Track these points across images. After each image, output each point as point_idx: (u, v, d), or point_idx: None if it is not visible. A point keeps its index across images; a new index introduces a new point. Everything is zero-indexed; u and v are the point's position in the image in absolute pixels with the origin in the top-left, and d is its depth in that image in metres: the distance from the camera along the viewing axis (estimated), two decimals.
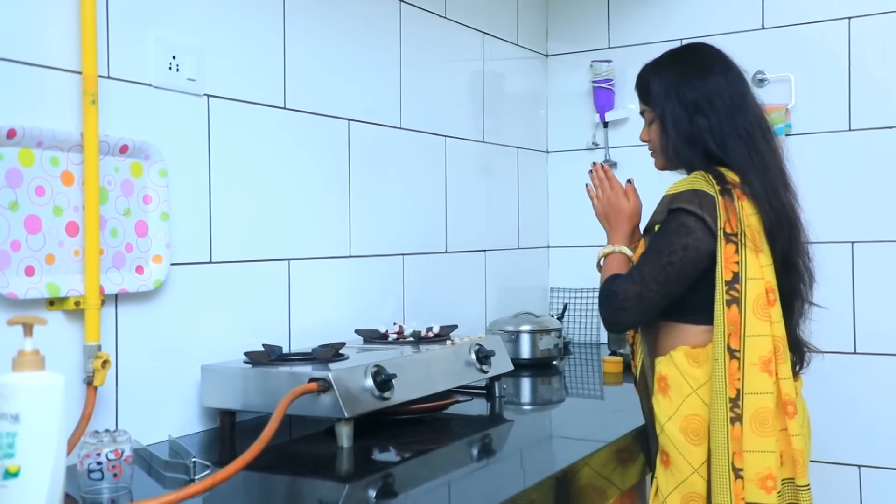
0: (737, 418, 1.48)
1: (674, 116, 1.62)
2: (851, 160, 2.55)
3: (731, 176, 1.58)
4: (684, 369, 1.58)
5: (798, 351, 1.66)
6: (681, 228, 1.54)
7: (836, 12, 2.56)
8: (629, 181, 1.80)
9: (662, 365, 1.61)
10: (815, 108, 2.60)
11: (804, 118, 2.61)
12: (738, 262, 1.52)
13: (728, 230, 1.52)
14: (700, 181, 1.56)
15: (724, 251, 1.52)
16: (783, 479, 1.54)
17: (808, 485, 1.55)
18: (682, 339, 1.60)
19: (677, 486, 1.55)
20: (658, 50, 1.76)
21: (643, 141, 1.74)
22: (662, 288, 1.56)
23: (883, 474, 2.51)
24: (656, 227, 1.61)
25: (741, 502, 1.47)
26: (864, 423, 2.53)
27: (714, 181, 1.55)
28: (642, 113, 1.73)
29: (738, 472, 1.47)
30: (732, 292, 1.51)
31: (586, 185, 1.83)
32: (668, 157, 1.67)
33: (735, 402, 1.49)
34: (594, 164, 1.84)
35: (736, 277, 1.52)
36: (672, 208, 1.56)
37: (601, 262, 1.73)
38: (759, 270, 1.53)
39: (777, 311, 1.55)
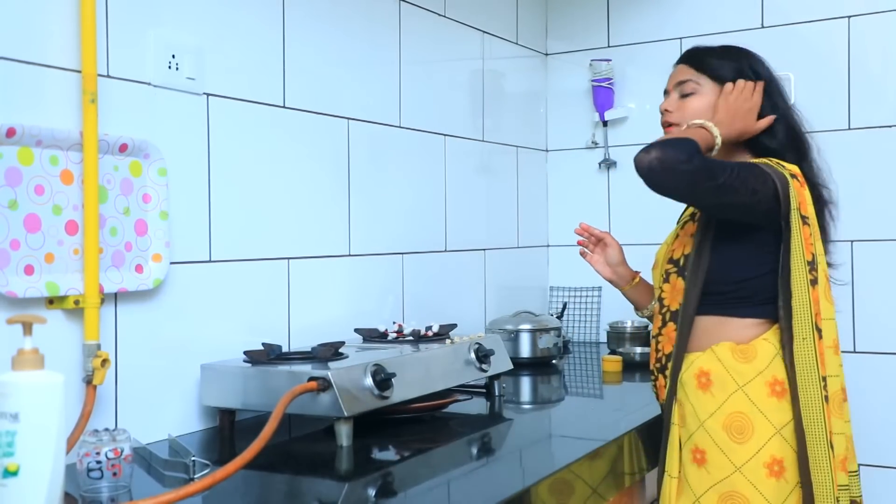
0: (826, 397, 1.48)
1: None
2: (851, 159, 2.55)
3: (790, 165, 1.59)
4: (730, 365, 1.55)
5: None
6: (759, 169, 1.53)
7: (835, 11, 2.56)
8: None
9: (704, 360, 1.58)
10: (815, 106, 2.57)
11: (803, 117, 2.61)
12: (812, 244, 1.53)
13: (804, 213, 1.53)
14: (765, 163, 1.57)
15: (803, 232, 1.52)
16: None
17: (857, 470, 1.57)
18: (726, 333, 1.58)
19: (714, 484, 1.52)
20: (658, 49, 1.77)
21: (665, 111, 1.69)
22: (746, 185, 1.49)
23: (883, 473, 2.51)
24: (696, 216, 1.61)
25: (838, 476, 1.47)
26: (863, 422, 2.52)
27: (781, 166, 1.57)
28: (679, 84, 1.69)
29: (833, 450, 1.47)
30: (814, 273, 1.52)
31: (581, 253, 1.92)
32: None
33: (825, 381, 1.49)
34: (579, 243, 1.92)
35: (814, 260, 1.53)
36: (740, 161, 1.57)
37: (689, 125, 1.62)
38: (822, 255, 1.56)
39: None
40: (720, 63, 1.66)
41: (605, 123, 2.93)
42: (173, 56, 1.63)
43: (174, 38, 1.64)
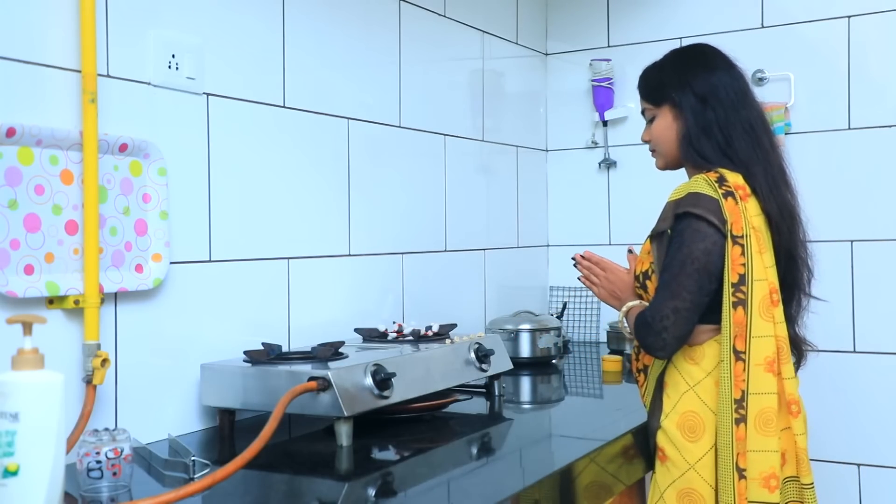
0: (741, 419, 1.49)
1: (689, 104, 1.64)
2: (851, 159, 2.55)
3: (732, 178, 1.59)
4: (681, 367, 1.59)
5: (797, 349, 1.68)
6: (696, 234, 1.54)
7: (835, 11, 2.56)
8: (630, 251, 1.81)
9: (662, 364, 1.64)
10: (815, 106, 2.60)
11: (804, 117, 2.61)
12: (744, 265, 1.53)
13: (735, 232, 1.53)
14: (701, 184, 1.57)
15: (731, 253, 1.53)
16: (787, 478, 1.56)
17: (813, 483, 1.56)
18: None
19: (673, 481, 1.56)
20: (658, 49, 1.77)
21: (644, 141, 1.75)
22: (694, 297, 1.53)
23: (882, 473, 2.51)
24: (669, 232, 1.59)
25: (745, 502, 1.48)
26: (863, 422, 2.53)
27: (716, 184, 1.56)
28: (643, 112, 1.74)
29: (741, 473, 1.48)
30: (739, 294, 1.52)
31: (579, 279, 1.84)
32: (675, 152, 1.68)
33: (740, 403, 1.50)
34: (574, 257, 1.84)
35: (742, 279, 1.53)
36: (679, 213, 1.56)
37: (625, 323, 1.69)
38: (763, 272, 1.55)
39: (780, 312, 1.57)
40: (657, 86, 1.69)
41: (605, 123, 2.93)
42: (173, 56, 1.63)
43: (174, 38, 1.64)
